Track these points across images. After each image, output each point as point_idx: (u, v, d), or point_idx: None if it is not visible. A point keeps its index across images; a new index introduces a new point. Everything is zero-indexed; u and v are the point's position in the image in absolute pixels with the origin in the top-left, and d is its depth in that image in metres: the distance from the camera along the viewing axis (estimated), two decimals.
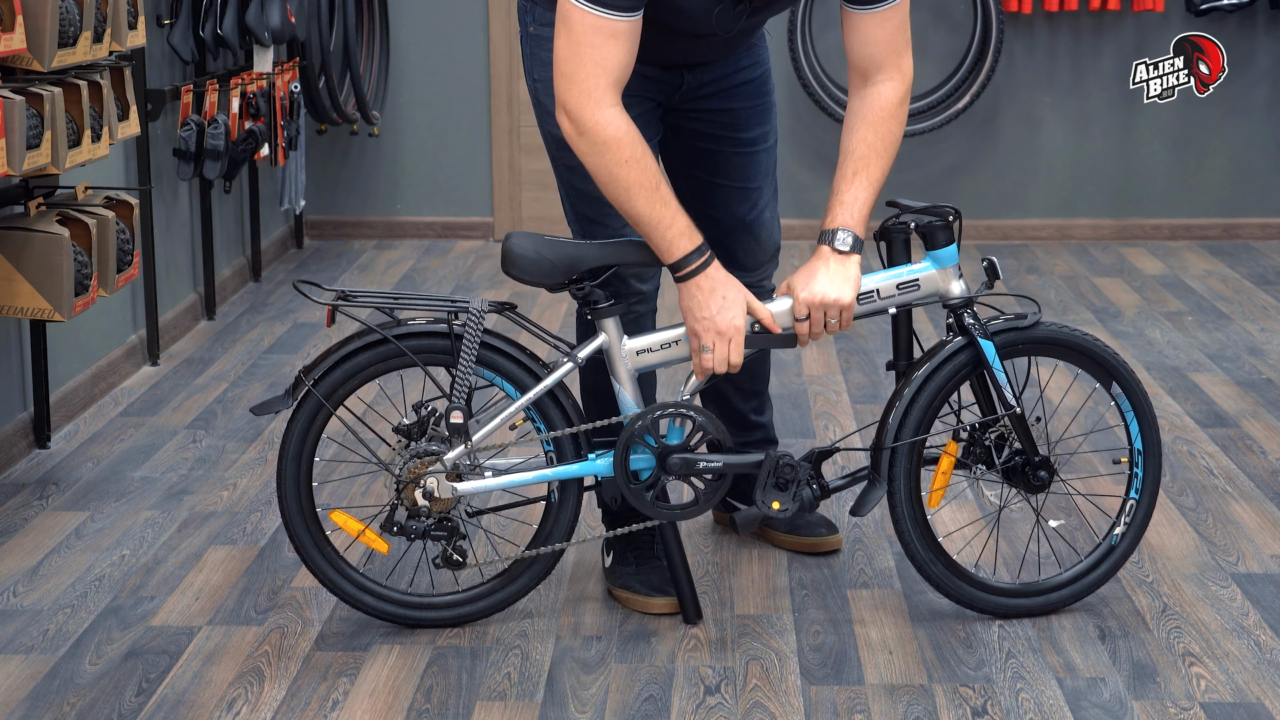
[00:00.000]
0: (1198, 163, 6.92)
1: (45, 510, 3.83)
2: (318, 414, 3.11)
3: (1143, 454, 3.22)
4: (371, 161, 7.01)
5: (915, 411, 3.12)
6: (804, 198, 6.90)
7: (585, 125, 2.93)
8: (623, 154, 2.94)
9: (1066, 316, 5.63)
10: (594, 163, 2.96)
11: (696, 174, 3.32)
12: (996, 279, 3.13)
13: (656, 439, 3.12)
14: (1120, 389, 3.20)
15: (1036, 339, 3.18)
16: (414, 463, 3.08)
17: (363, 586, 3.17)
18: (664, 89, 3.22)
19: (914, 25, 6.71)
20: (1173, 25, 6.77)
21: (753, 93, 3.32)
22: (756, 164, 3.35)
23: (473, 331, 3.06)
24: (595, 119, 2.92)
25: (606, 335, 3.11)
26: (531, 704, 2.91)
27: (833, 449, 3.23)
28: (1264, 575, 3.45)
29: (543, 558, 3.18)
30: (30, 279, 3.78)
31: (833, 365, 5.02)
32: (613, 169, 2.95)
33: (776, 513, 3.14)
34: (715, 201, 3.34)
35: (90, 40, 3.83)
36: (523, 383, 3.11)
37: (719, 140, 3.30)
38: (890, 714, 2.87)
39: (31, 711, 2.88)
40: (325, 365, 3.09)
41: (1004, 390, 3.13)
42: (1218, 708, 2.88)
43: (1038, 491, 3.19)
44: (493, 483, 3.12)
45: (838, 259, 3.07)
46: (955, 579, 3.19)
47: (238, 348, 5.26)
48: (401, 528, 3.11)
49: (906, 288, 3.14)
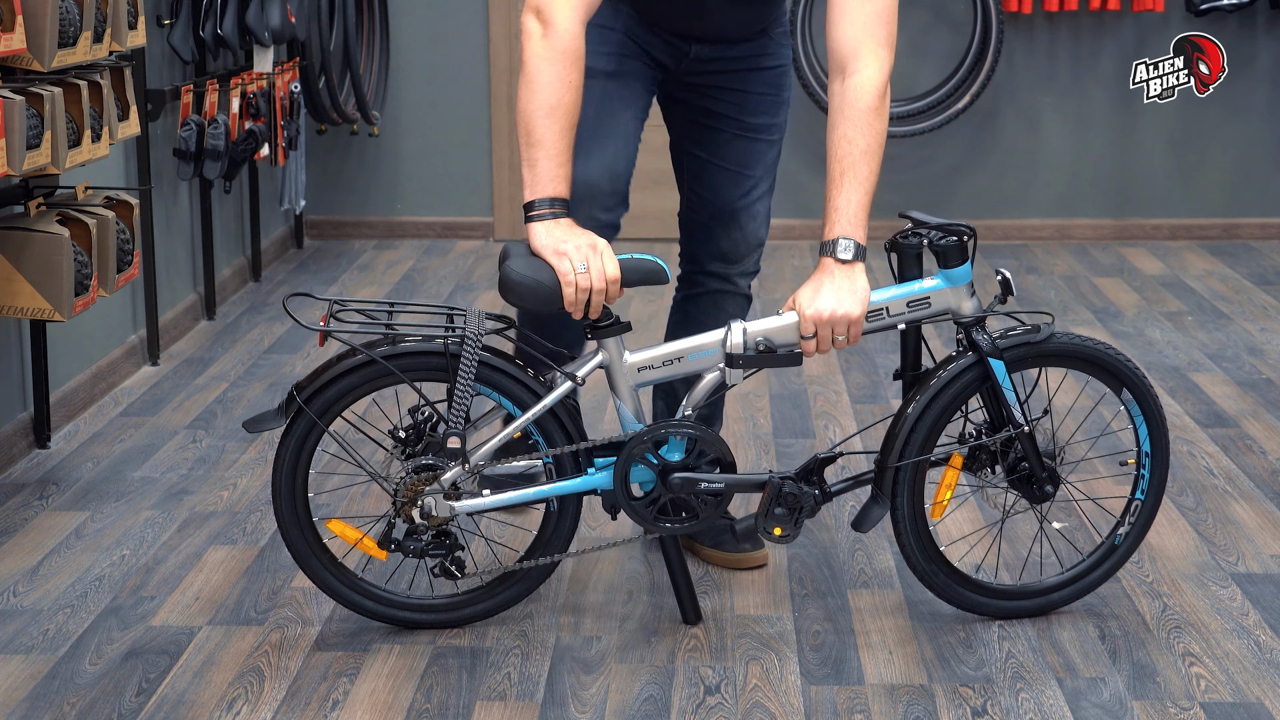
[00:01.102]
0: (1198, 163, 6.92)
1: (45, 510, 3.83)
2: (310, 432, 3.07)
3: (1151, 456, 3.21)
4: (371, 161, 7.01)
5: (922, 429, 3.08)
6: (804, 198, 6.90)
7: (556, 27, 2.91)
8: (573, 76, 2.92)
9: (1066, 316, 5.63)
10: (540, 65, 2.91)
11: (698, 152, 3.32)
12: (1010, 295, 3.10)
13: (658, 456, 3.10)
14: (1131, 394, 3.18)
15: (1047, 352, 3.15)
16: (411, 479, 3.06)
17: (365, 592, 3.17)
18: (669, 53, 3.22)
19: (914, 25, 6.77)
20: (1173, 25, 6.77)
21: (766, 82, 3.32)
22: (756, 152, 3.34)
23: (470, 354, 3.00)
24: (567, 27, 2.92)
25: (607, 353, 3.06)
26: (531, 704, 2.91)
27: (834, 455, 3.16)
28: (1264, 575, 3.45)
29: (540, 567, 3.18)
30: (30, 279, 3.78)
31: (833, 365, 5.02)
32: (555, 82, 2.91)
33: (778, 539, 3.12)
34: (710, 183, 3.33)
35: (90, 40, 3.83)
36: (522, 400, 3.08)
37: (724, 120, 3.30)
38: (890, 714, 2.87)
39: (31, 711, 2.88)
40: (318, 384, 3.05)
41: (1013, 410, 3.10)
42: (1218, 708, 2.88)
43: (1043, 501, 3.17)
44: (491, 500, 3.10)
45: (842, 270, 3.00)
46: (958, 587, 3.18)
47: (238, 348, 5.26)
48: (399, 545, 3.08)
49: (917, 305, 3.08)
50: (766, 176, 3.37)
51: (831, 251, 3.01)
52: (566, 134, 2.94)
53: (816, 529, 3.68)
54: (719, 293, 3.45)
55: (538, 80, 2.93)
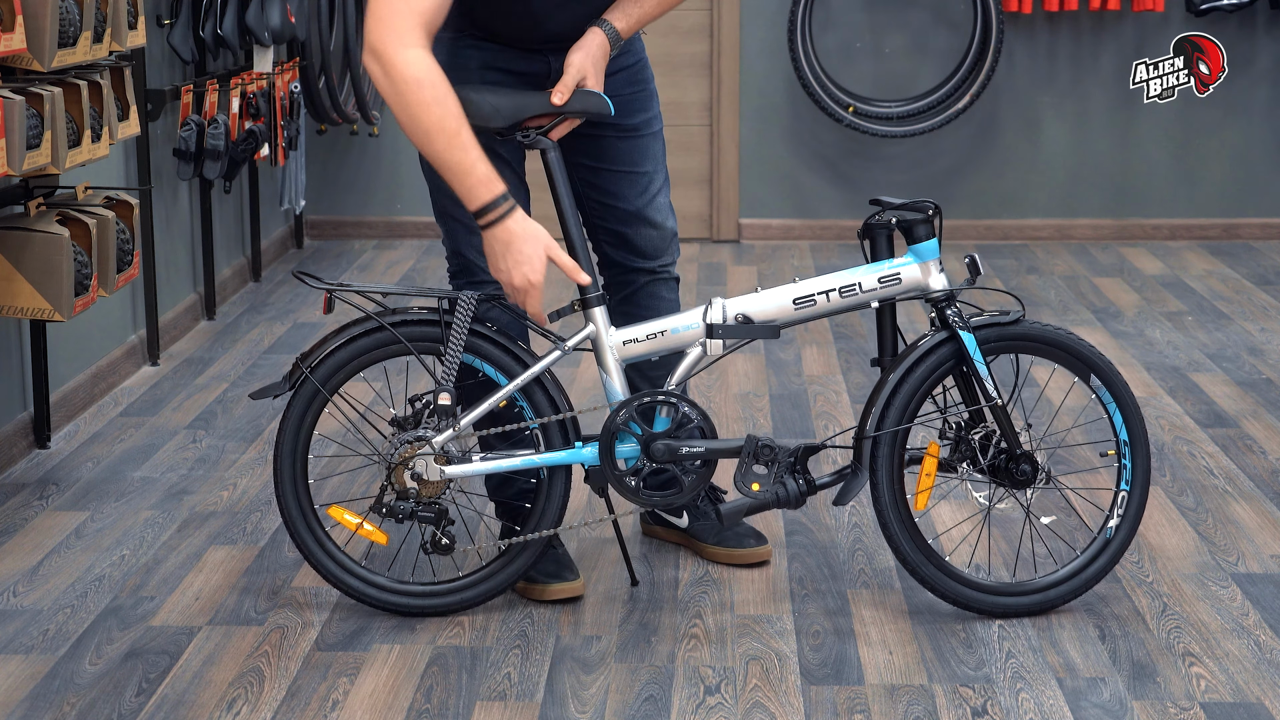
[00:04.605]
0: (1198, 163, 6.92)
1: (45, 510, 3.83)
2: (314, 400, 3.17)
3: (1129, 445, 3.24)
4: (371, 161, 7.01)
5: (898, 402, 3.16)
6: (804, 197, 6.90)
7: (389, 63, 2.96)
8: (424, 95, 2.97)
9: (1066, 316, 5.63)
10: (396, 104, 2.99)
11: (584, 161, 3.34)
12: (978, 275, 3.18)
13: (642, 427, 3.16)
14: (1100, 380, 3.23)
15: (1014, 335, 3.22)
16: (404, 447, 3.14)
17: (362, 577, 3.22)
18: (532, 78, 3.24)
19: (914, 25, 6.79)
20: (1173, 25, 6.77)
21: (629, 80, 3.35)
22: (643, 149, 3.38)
23: (462, 317, 3.12)
24: (400, 57, 2.96)
25: (594, 325, 3.17)
26: (531, 704, 2.91)
27: (821, 445, 3.25)
28: (1264, 575, 3.45)
29: (535, 542, 3.22)
30: (30, 279, 3.78)
31: (833, 365, 5.02)
32: (413, 110, 2.98)
33: (756, 495, 3.18)
34: (607, 189, 3.36)
35: (90, 40, 3.83)
36: (511, 370, 3.16)
37: (602, 126, 3.32)
38: (890, 714, 2.87)
39: (31, 711, 2.88)
40: (321, 353, 3.16)
41: (985, 382, 3.17)
42: (1218, 708, 2.88)
43: (1023, 486, 3.21)
44: (481, 466, 3.17)
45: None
46: (947, 579, 3.20)
47: (238, 348, 5.26)
48: (390, 509, 3.16)
49: (888, 281, 3.19)
50: (660, 169, 3.43)
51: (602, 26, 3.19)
52: (452, 141, 3.02)
53: (816, 529, 3.69)
54: (651, 283, 3.47)
55: (401, 116, 3.00)
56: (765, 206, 6.94)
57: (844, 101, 6.62)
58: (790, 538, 3.64)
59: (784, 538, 3.64)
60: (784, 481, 3.18)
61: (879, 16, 6.81)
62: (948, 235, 6.28)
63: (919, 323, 5.19)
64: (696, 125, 6.94)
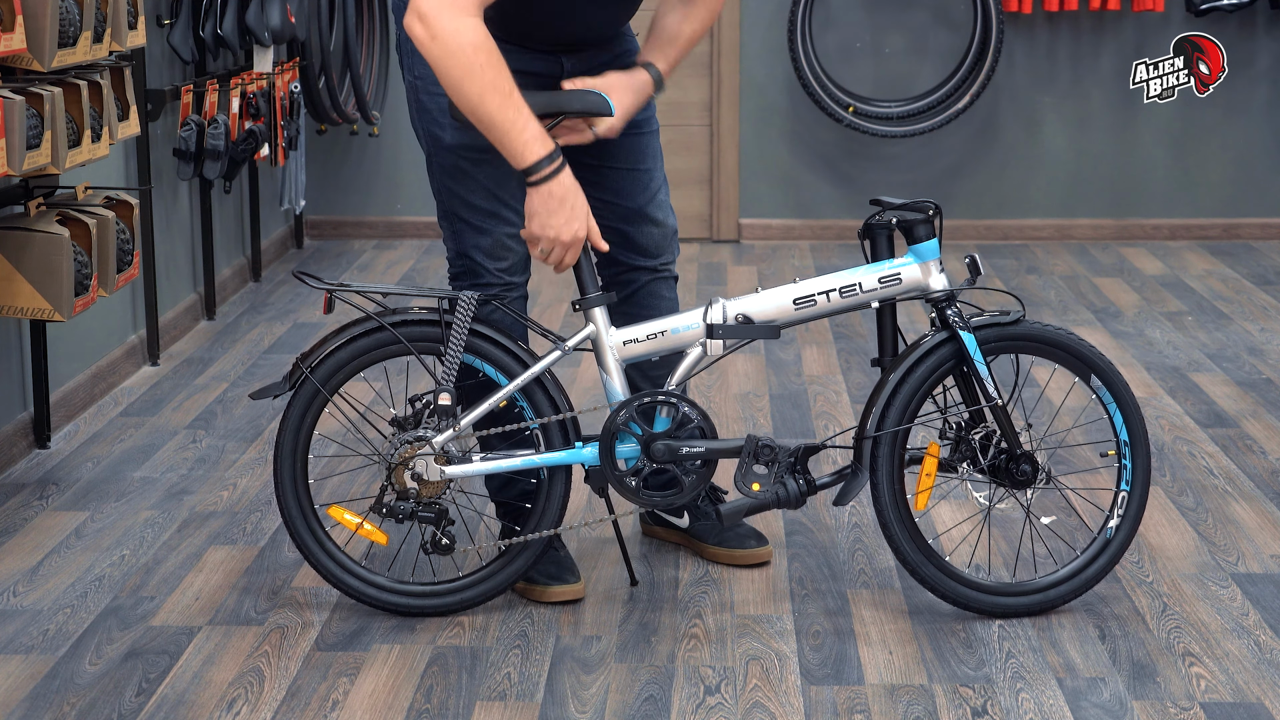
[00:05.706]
0: (1198, 163, 6.92)
1: (45, 510, 3.83)
2: (314, 400, 3.17)
3: (1129, 445, 3.24)
4: (371, 161, 7.01)
5: (898, 401, 3.16)
6: (804, 197, 6.90)
7: (439, 28, 2.96)
8: (479, 58, 2.98)
9: (1066, 316, 5.63)
10: (445, 65, 2.99)
11: (586, 160, 3.34)
12: (979, 274, 3.19)
13: (642, 427, 3.16)
14: (1100, 381, 3.24)
15: (1014, 335, 3.23)
16: (404, 448, 3.14)
17: (362, 577, 3.22)
18: (546, 65, 3.26)
19: (914, 25, 6.79)
20: (1173, 25, 6.77)
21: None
22: (644, 146, 3.39)
23: (463, 317, 3.12)
24: (454, 24, 2.96)
25: (594, 325, 3.18)
26: (531, 704, 2.91)
27: (821, 445, 3.25)
28: (1264, 575, 3.45)
29: (534, 542, 3.22)
30: (30, 279, 3.78)
31: (833, 365, 5.02)
32: (468, 71, 2.98)
33: (756, 495, 3.19)
34: (609, 187, 3.37)
35: (90, 40, 3.83)
36: (511, 370, 3.17)
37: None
38: (890, 714, 2.87)
39: (31, 711, 2.88)
40: (321, 353, 3.17)
41: (985, 382, 3.17)
42: (1218, 708, 2.88)
43: (1023, 487, 3.21)
44: (481, 467, 3.18)
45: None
46: (947, 579, 3.20)
47: (238, 348, 5.26)
48: (390, 509, 3.16)
49: (888, 281, 3.19)
50: (659, 167, 3.45)
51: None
52: (506, 101, 3.02)
53: (816, 529, 3.69)
54: (652, 282, 3.47)
55: (451, 79, 3.00)
56: (765, 206, 6.94)
57: (844, 101, 6.62)
58: (790, 538, 3.64)
59: (784, 538, 3.64)
60: (784, 482, 3.18)
61: (879, 16, 6.81)
62: (948, 235, 6.28)
63: (919, 323, 5.20)
64: (696, 125, 6.94)
